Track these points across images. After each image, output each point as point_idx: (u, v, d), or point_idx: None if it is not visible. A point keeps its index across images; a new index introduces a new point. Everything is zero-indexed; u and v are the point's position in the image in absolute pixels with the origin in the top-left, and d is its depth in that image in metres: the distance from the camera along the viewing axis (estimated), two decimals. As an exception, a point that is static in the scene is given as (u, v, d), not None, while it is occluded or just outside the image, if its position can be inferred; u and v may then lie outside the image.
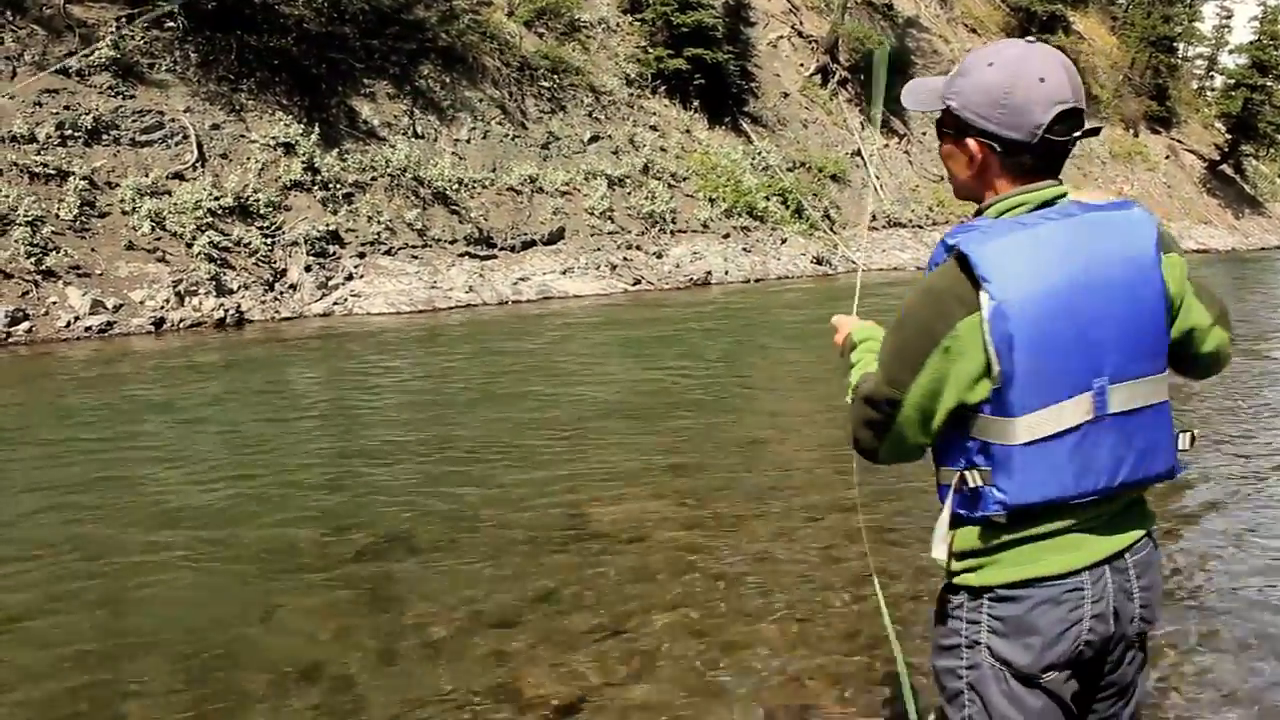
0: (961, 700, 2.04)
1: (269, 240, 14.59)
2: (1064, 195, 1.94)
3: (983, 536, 1.97)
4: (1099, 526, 1.96)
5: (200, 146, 14.83)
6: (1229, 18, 56.99)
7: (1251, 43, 49.04)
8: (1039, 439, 1.86)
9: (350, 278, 15.08)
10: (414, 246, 16.36)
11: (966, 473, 1.93)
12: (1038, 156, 1.90)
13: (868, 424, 2.01)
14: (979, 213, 1.99)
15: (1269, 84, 48.14)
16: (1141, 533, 2.03)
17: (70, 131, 13.58)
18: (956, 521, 2.00)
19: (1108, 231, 1.88)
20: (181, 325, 12.57)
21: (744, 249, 21.84)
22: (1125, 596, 1.99)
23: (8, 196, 12.29)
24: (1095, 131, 2.00)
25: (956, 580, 2.02)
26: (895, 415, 1.94)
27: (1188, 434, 2.02)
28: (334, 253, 15.25)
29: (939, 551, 1.99)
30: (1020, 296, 1.80)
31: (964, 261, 1.83)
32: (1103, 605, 1.96)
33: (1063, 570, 1.93)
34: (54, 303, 11.92)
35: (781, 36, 30.30)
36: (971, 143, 1.94)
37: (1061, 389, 1.85)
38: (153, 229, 13.37)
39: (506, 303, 16.15)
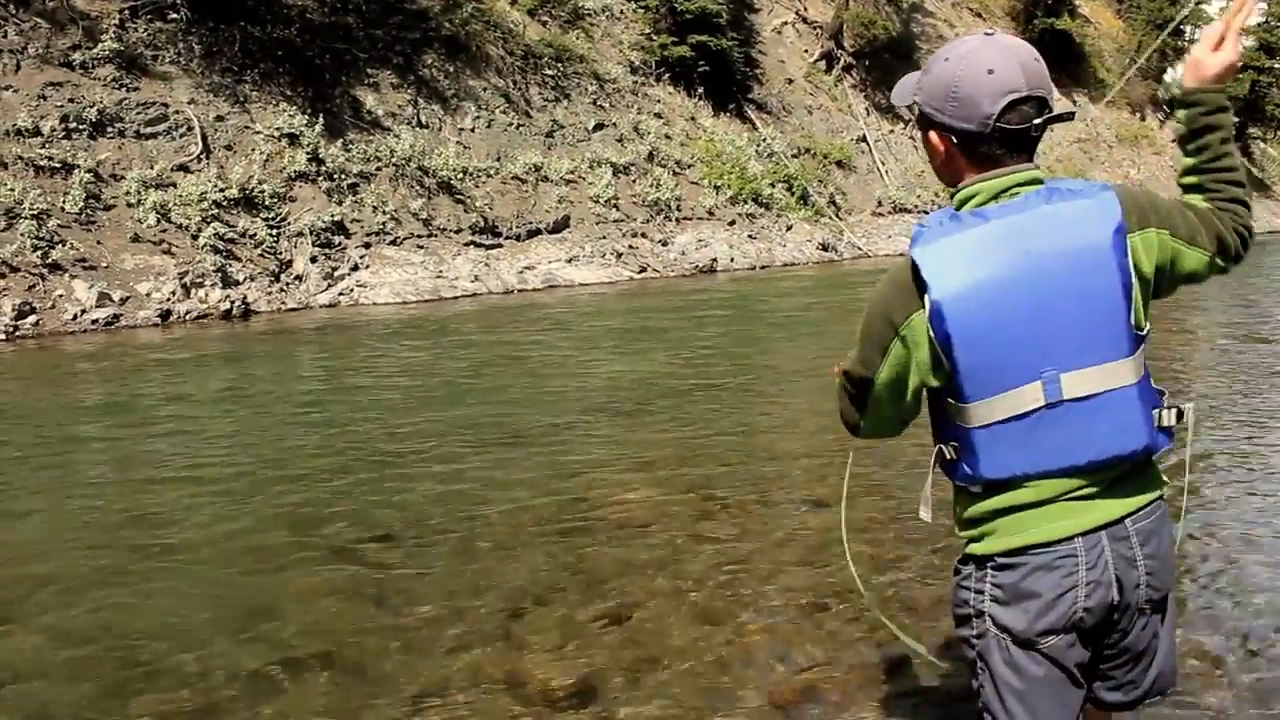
0: (976, 669, 2.12)
1: (274, 231, 14.61)
2: (1033, 180, 1.97)
3: (975, 504, 2.06)
4: (1094, 494, 1.99)
5: (204, 138, 14.84)
6: (1236, -1, 56.52)
7: (1259, 25, 48.77)
8: (992, 423, 1.96)
9: (356, 268, 15.10)
10: (419, 236, 16.37)
11: (943, 446, 2.07)
12: (996, 144, 1.94)
13: (850, 398, 2.18)
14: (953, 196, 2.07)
15: (1276, 66, 47.91)
16: (1144, 500, 2.04)
17: (75, 124, 13.60)
18: (957, 490, 2.12)
19: (1057, 226, 1.91)
20: (188, 317, 12.60)
21: (749, 236, 21.82)
22: (1128, 564, 2.00)
23: (13, 190, 12.32)
24: (1069, 116, 2.05)
25: (966, 551, 2.11)
26: (870, 392, 2.10)
27: (1173, 410, 2.03)
28: (339, 243, 15.26)
29: (924, 513, 2.16)
30: (955, 297, 1.89)
31: (913, 261, 1.94)
32: (1098, 572, 1.98)
33: (1052, 538, 1.97)
34: (60, 296, 11.95)
35: (786, 23, 30.22)
36: (933, 135, 2.02)
37: (1007, 379, 1.93)
38: (158, 221, 13.39)
39: (512, 292, 16.15)
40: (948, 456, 2.06)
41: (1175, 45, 48.35)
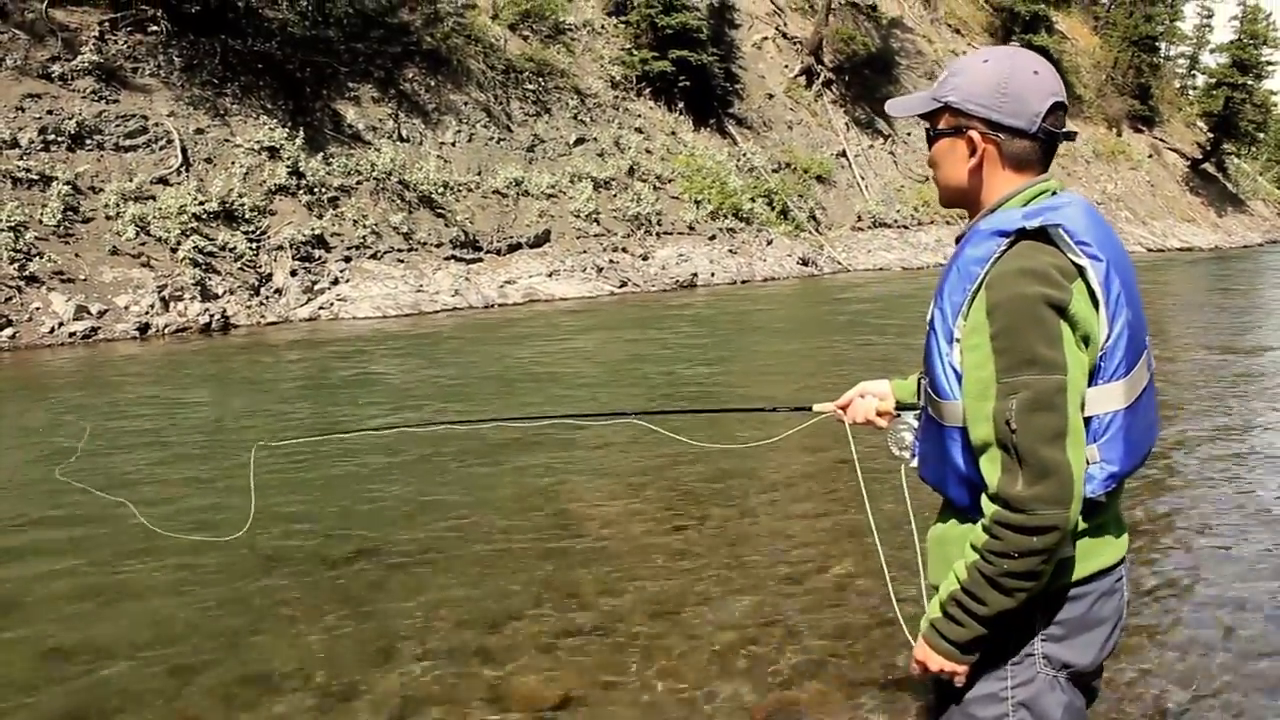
0: None
1: (254, 245, 14.56)
2: (1054, 191, 1.97)
3: None
4: (1119, 515, 1.99)
5: (184, 151, 14.79)
6: (1210, 17, 57.43)
7: (1232, 42, 49.42)
8: (1134, 400, 1.87)
9: (336, 282, 15.05)
10: (400, 250, 16.34)
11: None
12: (1036, 146, 1.92)
13: (1054, 436, 1.73)
14: (989, 211, 1.94)
15: (1249, 82, 48.50)
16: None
17: (53, 136, 13.53)
18: None
19: (1106, 223, 1.95)
20: (167, 331, 12.53)
21: (730, 250, 21.88)
22: (1127, 584, 2.05)
23: (-10, 202, 12.24)
24: (1072, 135, 2.03)
25: None
26: (1069, 401, 1.75)
27: None
28: (319, 257, 15.21)
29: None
30: (1112, 257, 1.83)
31: (1045, 234, 1.80)
32: (1127, 593, 2.01)
33: (1115, 560, 1.95)
34: (37, 308, 11.86)
35: (766, 38, 30.38)
36: (974, 134, 1.93)
37: (1139, 349, 1.88)
38: (137, 234, 13.32)
39: (493, 306, 16.14)
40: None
41: (1151, 61, 48.98)
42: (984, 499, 1.81)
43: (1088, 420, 1.81)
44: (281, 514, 5.83)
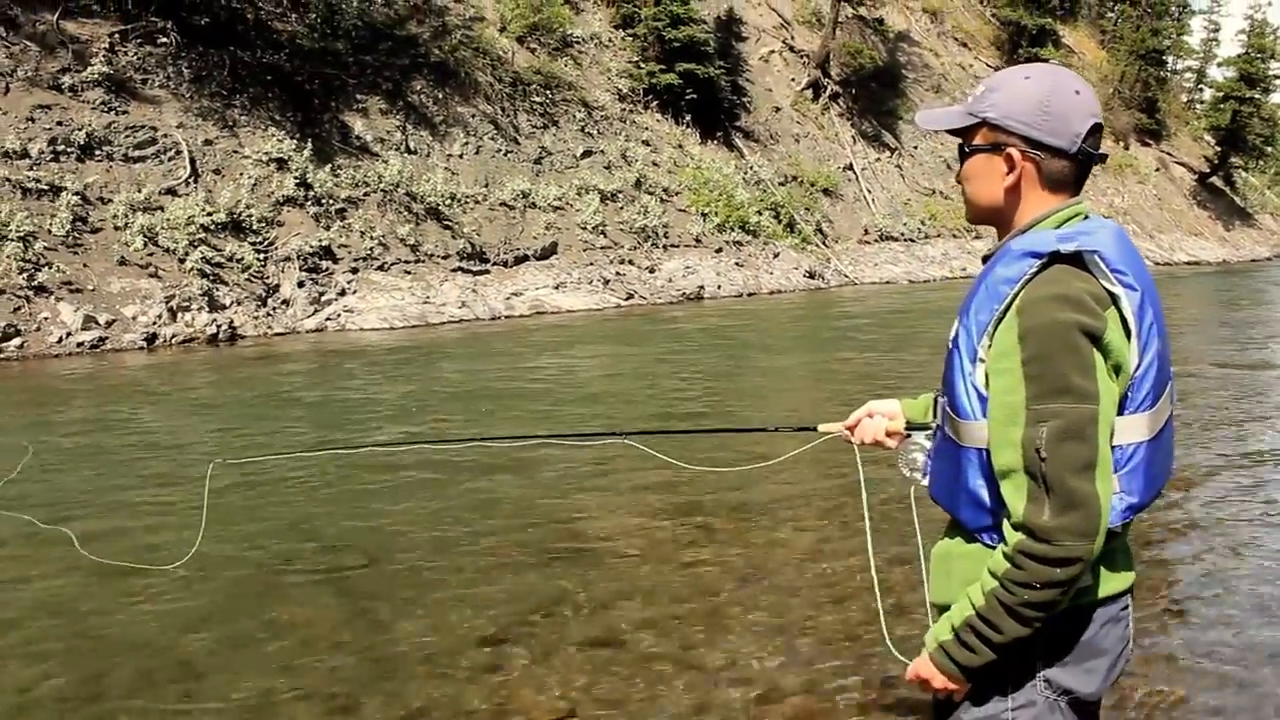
0: None
1: (262, 256, 14.60)
2: (1085, 215, 1.93)
3: None
4: (1128, 546, 1.95)
5: (193, 162, 14.85)
6: (1217, 31, 57.48)
7: (1239, 56, 49.42)
8: (1157, 432, 1.84)
9: (343, 293, 15.09)
10: (407, 262, 16.38)
11: None
12: (1073, 167, 1.89)
13: (1084, 467, 1.71)
14: (1021, 231, 1.91)
15: (1256, 96, 48.48)
16: None
17: (63, 147, 13.60)
18: None
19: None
20: (174, 341, 12.56)
21: (736, 263, 21.90)
22: (1132, 616, 1.99)
23: (0, 212, 12.29)
24: (1105, 157, 1.99)
25: None
26: (1100, 431, 1.72)
27: None
28: (327, 268, 15.26)
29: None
30: (1145, 286, 1.80)
31: (1080, 260, 1.78)
32: (1133, 625, 1.96)
33: (1121, 589, 1.90)
34: (46, 318, 11.91)
35: (773, 51, 30.44)
36: (1014, 152, 1.89)
37: (1165, 380, 1.85)
38: (145, 245, 13.37)
39: (499, 318, 16.16)
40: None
41: (1158, 75, 48.98)
42: (1007, 527, 1.77)
43: (1112, 450, 1.77)
44: (281, 522, 5.84)
